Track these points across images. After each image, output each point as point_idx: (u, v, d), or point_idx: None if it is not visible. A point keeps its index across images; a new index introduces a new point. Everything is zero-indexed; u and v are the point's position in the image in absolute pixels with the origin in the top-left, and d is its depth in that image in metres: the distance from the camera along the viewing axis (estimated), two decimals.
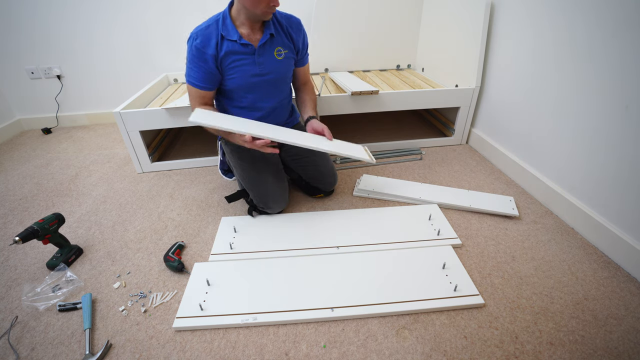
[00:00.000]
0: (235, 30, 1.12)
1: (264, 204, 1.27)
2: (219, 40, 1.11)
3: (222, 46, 1.12)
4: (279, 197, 1.29)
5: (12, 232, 1.31)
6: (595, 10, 1.08)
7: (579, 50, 1.15)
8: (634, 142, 1.00)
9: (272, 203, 1.27)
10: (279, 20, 1.19)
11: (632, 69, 0.99)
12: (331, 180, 1.38)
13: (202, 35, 1.11)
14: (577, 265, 1.07)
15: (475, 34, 1.61)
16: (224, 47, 1.12)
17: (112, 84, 2.31)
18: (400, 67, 2.34)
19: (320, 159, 1.37)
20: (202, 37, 1.11)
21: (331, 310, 0.92)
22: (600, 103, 1.10)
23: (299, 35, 1.23)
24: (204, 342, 0.87)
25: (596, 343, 0.84)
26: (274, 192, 1.27)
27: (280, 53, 1.20)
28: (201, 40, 1.10)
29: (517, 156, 1.53)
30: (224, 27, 1.12)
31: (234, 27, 1.12)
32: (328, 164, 1.38)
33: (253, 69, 1.17)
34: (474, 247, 1.15)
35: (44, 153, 1.99)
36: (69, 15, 2.05)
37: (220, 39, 1.11)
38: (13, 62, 2.15)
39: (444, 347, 0.84)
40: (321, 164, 1.37)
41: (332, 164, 1.41)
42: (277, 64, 1.21)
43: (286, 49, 1.21)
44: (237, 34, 1.11)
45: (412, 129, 2.08)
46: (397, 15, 2.14)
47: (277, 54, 1.20)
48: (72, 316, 0.95)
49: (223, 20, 1.12)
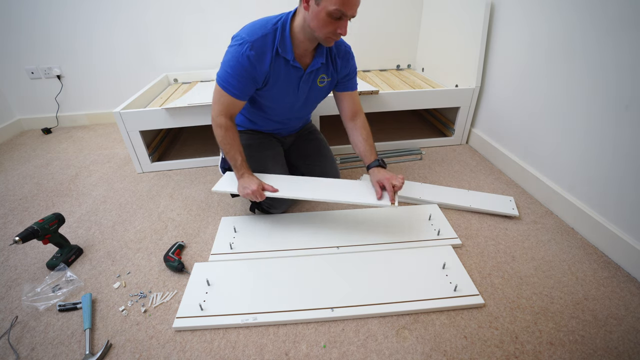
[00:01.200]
0: (291, 47, 1.02)
1: (269, 204, 1.27)
2: (274, 56, 1.02)
3: (275, 62, 1.03)
4: (277, 204, 1.27)
5: (12, 232, 1.31)
6: (595, 10, 1.08)
7: (579, 50, 1.15)
8: (634, 142, 1.00)
9: (277, 203, 1.27)
10: (330, 47, 1.11)
11: (632, 69, 0.99)
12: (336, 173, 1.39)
13: (258, 48, 0.99)
14: (577, 265, 1.07)
15: (475, 34, 1.61)
16: (276, 64, 1.03)
17: (112, 84, 2.31)
18: (400, 67, 2.34)
19: (328, 163, 1.37)
20: (257, 49, 0.99)
21: (331, 310, 0.92)
22: (600, 103, 1.10)
23: (345, 63, 1.16)
24: (204, 342, 0.87)
25: (596, 343, 0.84)
26: (276, 199, 1.23)
27: (323, 81, 1.16)
28: (256, 53, 0.99)
29: (517, 156, 1.53)
30: (282, 41, 1.01)
31: (291, 44, 1.02)
32: (333, 167, 1.38)
33: (295, 93, 1.13)
34: (474, 247, 1.15)
35: (44, 153, 1.99)
36: (69, 15, 2.05)
37: (275, 54, 1.02)
38: (13, 62, 2.15)
39: (444, 347, 0.84)
40: (328, 168, 1.36)
41: (337, 167, 1.40)
42: (316, 92, 1.17)
43: (329, 77, 1.16)
44: (292, 54, 1.02)
45: (412, 129, 2.08)
46: (397, 15, 2.14)
47: (319, 82, 1.15)
48: (72, 316, 0.95)
49: (282, 32, 1.01)
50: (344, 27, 0.94)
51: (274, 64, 1.03)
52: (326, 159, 1.37)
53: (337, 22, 0.93)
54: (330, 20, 0.91)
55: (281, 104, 1.16)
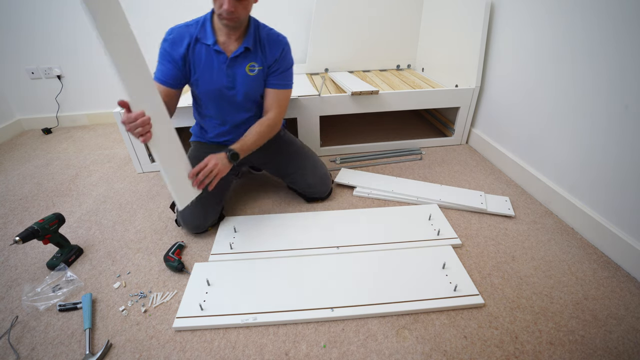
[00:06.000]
0: (212, 34, 1.07)
1: (180, 219, 1.21)
2: (192, 42, 1.07)
3: (194, 48, 1.07)
4: (189, 219, 1.18)
5: (12, 232, 1.31)
6: (595, 10, 1.08)
7: (579, 50, 1.15)
8: (634, 141, 1.00)
9: (182, 221, 1.20)
10: (261, 34, 1.12)
11: (631, 68, 0.99)
12: (323, 188, 1.36)
13: (177, 33, 1.07)
14: (577, 265, 1.07)
15: (475, 34, 1.61)
16: (196, 50, 1.08)
17: (112, 84, 2.31)
18: (400, 67, 2.34)
19: (308, 171, 1.31)
20: (177, 34, 1.07)
21: (331, 310, 0.92)
22: (599, 103, 1.10)
23: (275, 51, 1.13)
24: (204, 342, 0.87)
25: (596, 343, 0.84)
26: (187, 212, 1.16)
27: (254, 69, 1.12)
28: (174, 37, 1.07)
29: (517, 156, 1.53)
30: (202, 29, 1.07)
31: (212, 32, 1.07)
32: (317, 174, 1.33)
33: (221, 80, 1.12)
34: (474, 247, 1.15)
35: (44, 153, 1.99)
36: (69, 15, 2.05)
37: (194, 41, 1.07)
38: (13, 62, 2.15)
39: (444, 347, 0.84)
40: (309, 177, 1.32)
41: (322, 171, 1.35)
42: (247, 80, 1.13)
43: (260, 66, 1.13)
44: (212, 39, 1.06)
45: (412, 129, 2.08)
46: (397, 15, 2.14)
47: (249, 70, 1.12)
48: (72, 316, 0.95)
49: (203, 23, 1.08)
50: (227, 2, 0.94)
51: (194, 49, 1.07)
52: (306, 170, 1.31)
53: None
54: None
55: (211, 92, 1.14)
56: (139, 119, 0.82)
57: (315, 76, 2.16)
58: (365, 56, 2.25)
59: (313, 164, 1.34)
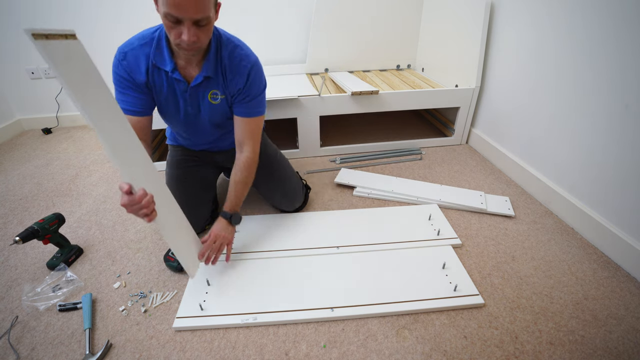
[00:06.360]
0: (170, 58, 0.91)
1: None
2: (150, 67, 0.92)
3: (153, 73, 0.93)
4: None
5: (12, 232, 1.31)
6: (595, 9, 1.08)
7: (579, 50, 1.15)
8: (634, 141, 1.00)
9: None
10: (222, 56, 0.95)
11: (631, 68, 0.99)
12: (291, 205, 1.29)
13: (131, 56, 0.91)
14: (577, 265, 1.07)
15: (475, 34, 1.61)
16: (155, 76, 0.94)
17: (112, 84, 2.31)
18: (400, 67, 2.34)
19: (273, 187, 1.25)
20: (131, 58, 0.91)
21: (331, 310, 0.92)
22: (599, 102, 1.10)
23: (238, 80, 0.97)
24: (204, 342, 0.87)
25: (596, 343, 0.84)
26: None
27: (216, 97, 1.00)
28: (129, 62, 0.91)
29: (517, 156, 1.53)
30: (157, 52, 0.91)
31: (169, 55, 0.91)
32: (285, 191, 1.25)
33: (185, 107, 1.01)
34: (474, 247, 1.15)
35: (44, 153, 1.99)
36: (69, 15, 2.04)
37: (152, 66, 0.92)
38: (13, 62, 2.15)
39: (444, 347, 0.84)
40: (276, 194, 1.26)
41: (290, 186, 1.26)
42: (211, 108, 1.02)
43: (223, 94, 1.00)
44: (171, 64, 0.91)
45: (412, 129, 2.08)
46: (397, 15, 2.14)
47: (211, 98, 1.00)
48: (72, 316, 0.95)
49: (158, 43, 0.90)
50: (187, 32, 0.78)
51: (153, 75, 0.94)
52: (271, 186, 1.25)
53: (178, 27, 0.78)
54: (170, 24, 0.78)
55: (176, 118, 1.05)
56: (144, 200, 0.71)
57: (315, 76, 2.16)
58: (365, 56, 2.25)
59: (280, 178, 1.25)
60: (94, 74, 0.68)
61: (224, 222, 1.06)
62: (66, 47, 0.60)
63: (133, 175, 0.73)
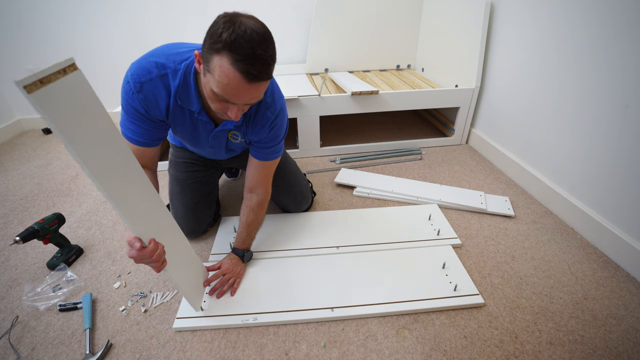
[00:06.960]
0: (197, 99, 0.83)
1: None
2: (172, 103, 0.83)
3: (174, 111, 0.85)
4: (183, 225, 1.14)
5: (12, 232, 1.31)
6: (595, 10, 1.08)
7: (579, 50, 1.15)
8: (634, 141, 1.00)
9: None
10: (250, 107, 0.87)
11: (631, 68, 0.99)
12: (298, 207, 1.31)
13: (149, 89, 0.80)
14: (577, 265, 1.07)
15: (475, 34, 1.61)
16: (177, 113, 0.87)
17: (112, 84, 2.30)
18: (400, 67, 2.34)
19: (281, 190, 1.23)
20: (148, 91, 0.80)
21: (331, 310, 0.92)
22: (599, 102, 1.10)
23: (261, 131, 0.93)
24: (204, 342, 0.87)
25: (596, 343, 0.84)
26: (181, 220, 1.16)
27: (236, 138, 0.98)
28: (146, 96, 0.81)
29: (516, 156, 1.53)
30: (183, 91, 0.82)
31: (197, 95, 0.82)
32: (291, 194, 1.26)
33: (205, 142, 0.98)
34: (474, 247, 1.15)
35: (45, 153, 1.99)
36: (69, 15, 2.04)
37: (174, 103, 0.84)
38: (13, 62, 2.15)
39: (444, 347, 0.84)
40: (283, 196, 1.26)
41: (297, 190, 1.26)
42: (229, 143, 1.01)
43: (243, 138, 0.98)
44: (198, 105, 0.84)
45: (412, 129, 2.08)
46: (397, 15, 2.14)
47: (231, 137, 0.98)
48: (73, 316, 0.95)
49: (184, 78, 0.81)
50: (234, 112, 0.74)
51: (174, 112, 0.86)
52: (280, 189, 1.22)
53: (225, 104, 0.73)
54: (216, 97, 0.72)
55: (191, 145, 1.04)
56: (154, 255, 0.68)
57: (315, 76, 2.16)
58: (365, 56, 2.25)
59: (290, 182, 1.24)
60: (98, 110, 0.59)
61: (237, 258, 1.04)
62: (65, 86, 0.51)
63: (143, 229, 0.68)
